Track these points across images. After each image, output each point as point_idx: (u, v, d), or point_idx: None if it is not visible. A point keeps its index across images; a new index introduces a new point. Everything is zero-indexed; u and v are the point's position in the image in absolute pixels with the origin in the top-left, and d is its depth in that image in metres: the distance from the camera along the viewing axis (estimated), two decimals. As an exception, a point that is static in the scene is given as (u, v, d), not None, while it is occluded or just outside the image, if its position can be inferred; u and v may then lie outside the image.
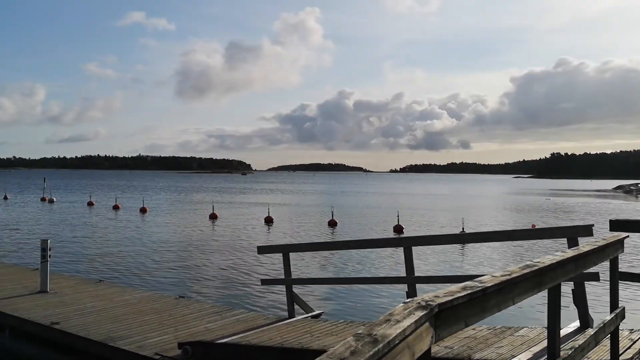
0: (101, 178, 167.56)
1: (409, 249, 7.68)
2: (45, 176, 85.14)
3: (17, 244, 23.80)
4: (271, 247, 11.25)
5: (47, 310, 9.33)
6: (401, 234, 29.66)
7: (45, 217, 38.02)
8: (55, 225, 32.16)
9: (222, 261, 19.67)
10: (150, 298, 10.63)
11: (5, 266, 14.31)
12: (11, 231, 28.78)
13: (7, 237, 26.34)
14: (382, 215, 42.32)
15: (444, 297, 1.97)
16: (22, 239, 25.33)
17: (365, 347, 1.44)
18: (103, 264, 18.70)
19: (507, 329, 6.67)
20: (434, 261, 19.19)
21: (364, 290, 14.24)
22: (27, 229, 29.83)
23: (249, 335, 7.60)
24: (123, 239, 26.00)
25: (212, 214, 38.55)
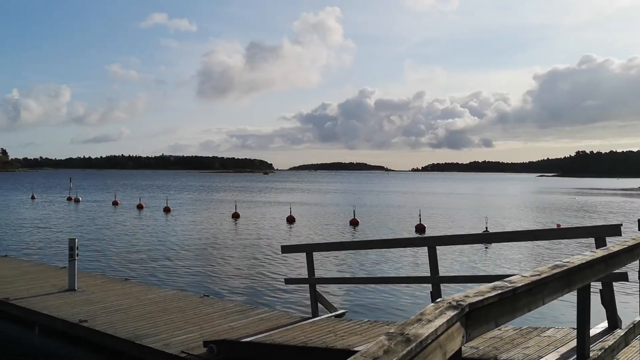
0: (125, 178, 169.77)
1: (433, 248, 7.64)
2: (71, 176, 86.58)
3: (44, 242, 24.25)
4: (295, 246, 11.27)
5: (75, 308, 9.50)
6: (423, 233, 29.52)
7: (72, 217, 38.66)
8: (81, 225, 32.68)
9: (245, 260, 19.79)
10: (175, 297, 10.74)
11: (34, 264, 14.58)
12: (39, 230, 29.33)
13: (35, 236, 26.85)
14: (403, 214, 42.14)
15: (474, 297, 1.96)
16: (49, 238, 25.80)
17: (398, 346, 1.45)
18: (128, 263, 18.95)
19: (534, 329, 6.60)
20: (457, 261, 19.05)
21: (387, 290, 14.20)
22: (54, 228, 30.37)
23: (273, 334, 7.64)
24: (147, 238, 26.31)
25: (234, 213, 38.80)
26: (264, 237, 27.23)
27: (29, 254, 19.87)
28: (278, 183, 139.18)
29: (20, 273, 12.77)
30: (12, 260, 14.97)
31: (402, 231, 30.82)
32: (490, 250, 21.71)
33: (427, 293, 12.07)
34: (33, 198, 59.41)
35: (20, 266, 13.93)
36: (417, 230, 30.38)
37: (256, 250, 22.38)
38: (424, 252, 20.05)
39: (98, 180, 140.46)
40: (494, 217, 37.83)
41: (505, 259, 19.96)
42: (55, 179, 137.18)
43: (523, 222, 37.16)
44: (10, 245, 23.14)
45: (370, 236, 28.34)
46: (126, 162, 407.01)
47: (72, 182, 71.23)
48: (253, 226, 32.54)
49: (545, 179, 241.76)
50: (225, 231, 30.13)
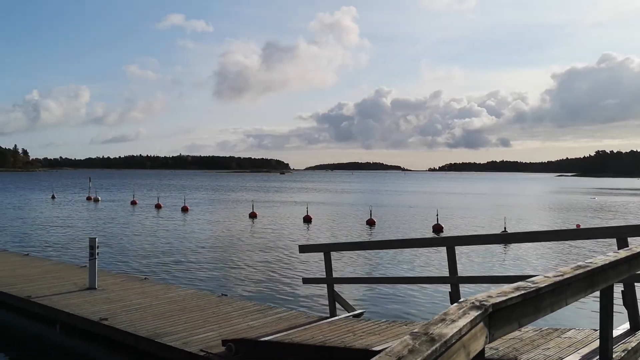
0: (143, 177, 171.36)
1: (452, 248, 7.60)
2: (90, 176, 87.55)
3: (65, 241, 24.58)
4: (312, 246, 11.29)
5: (95, 307, 9.61)
6: (441, 233, 29.39)
7: (91, 216, 39.12)
8: (101, 224, 33.06)
9: (262, 260, 19.86)
10: (194, 295, 10.82)
11: (55, 263, 14.78)
12: (59, 229, 29.73)
13: (56, 235, 27.22)
14: (421, 214, 41.97)
15: (497, 297, 1.96)
16: (69, 237, 26.14)
17: (422, 345, 1.45)
18: (147, 262, 19.14)
19: (554, 330, 6.54)
20: (476, 261, 18.94)
21: (405, 290, 14.16)
22: (74, 228, 30.76)
23: (292, 333, 7.66)
24: (166, 237, 26.53)
25: (251, 212, 38.96)
26: (281, 236, 27.30)
27: (50, 253, 20.17)
28: (294, 183, 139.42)
29: (41, 272, 12.94)
30: (33, 259, 15.18)
31: (419, 231, 30.71)
32: (508, 251, 21.54)
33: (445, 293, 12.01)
34: (53, 197, 60.24)
35: (41, 265, 14.12)
36: (434, 231, 30.25)
37: (273, 249, 22.45)
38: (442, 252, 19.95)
39: (117, 180, 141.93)
40: (512, 217, 37.50)
41: (524, 260, 19.79)
42: (75, 179, 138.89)
43: (542, 222, 36.81)
44: (31, 244, 23.50)
45: (387, 236, 28.28)
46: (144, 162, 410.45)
47: (91, 182, 72.06)
48: (270, 226, 32.65)
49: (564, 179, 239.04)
50: (243, 231, 30.27)
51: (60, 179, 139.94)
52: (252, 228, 31.80)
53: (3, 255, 15.78)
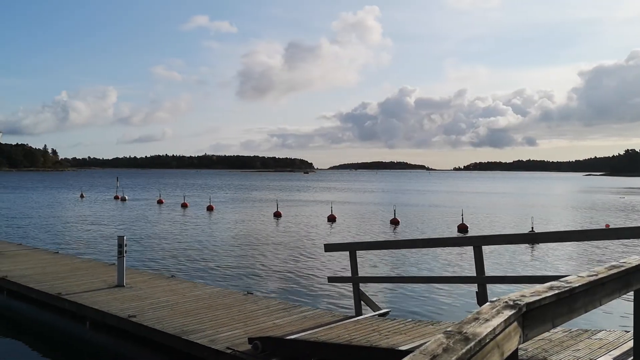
0: (169, 177, 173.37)
1: (479, 248, 7.52)
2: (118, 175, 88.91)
3: (93, 239, 25.01)
4: (338, 245, 11.28)
5: (124, 304, 9.75)
6: (466, 232, 29.12)
7: (119, 215, 39.72)
8: (128, 222, 33.54)
9: (287, 258, 19.93)
10: (220, 294, 10.90)
11: (84, 261, 15.03)
12: (88, 228, 30.25)
13: (84, 233, 27.71)
14: (445, 213, 41.65)
15: (531, 296, 1.94)
16: (97, 235, 26.58)
17: (457, 344, 1.44)
18: (174, 260, 19.36)
19: (584, 331, 6.43)
20: (502, 261, 18.71)
21: (431, 290, 14.07)
22: (102, 226, 31.28)
23: (317, 332, 7.67)
24: (192, 235, 26.80)
25: (276, 212, 39.12)
26: (305, 235, 27.36)
27: (79, 251, 20.53)
28: (318, 182, 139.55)
29: (71, 269, 13.18)
30: (63, 257, 15.47)
31: (443, 231, 30.48)
32: (535, 251, 21.25)
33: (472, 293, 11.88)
34: (82, 196, 61.35)
35: (71, 262, 14.38)
36: (459, 230, 29.99)
37: (298, 248, 22.51)
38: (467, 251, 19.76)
39: (143, 179, 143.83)
40: (539, 217, 36.94)
41: (550, 260, 19.50)
42: (103, 178, 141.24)
43: (569, 222, 36.22)
44: (61, 241, 23.96)
45: (412, 236, 28.13)
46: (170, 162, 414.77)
47: (118, 181, 73.17)
48: (294, 225, 32.74)
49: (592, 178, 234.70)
50: (267, 230, 30.41)
51: (88, 179, 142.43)
52: (277, 227, 31.92)
53: (34, 252, 16.12)
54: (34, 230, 29.03)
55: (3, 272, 12.49)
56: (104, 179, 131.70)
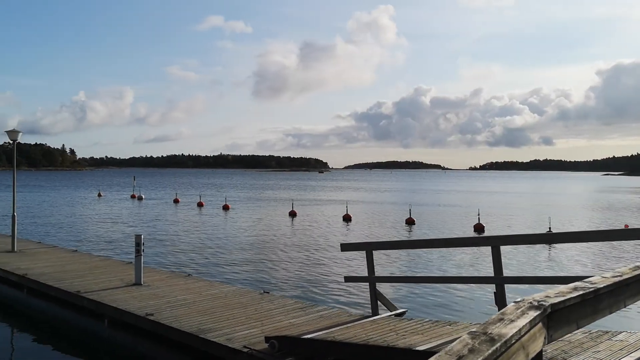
0: (185, 176, 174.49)
1: (497, 248, 7.46)
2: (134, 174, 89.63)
3: (111, 238, 25.25)
4: (354, 244, 11.27)
5: (141, 302, 9.82)
6: (482, 232, 28.93)
7: (135, 214, 40.05)
8: (145, 221, 33.81)
9: (303, 257, 19.95)
10: (236, 292, 10.94)
11: (102, 259, 15.18)
12: (105, 226, 30.55)
13: (102, 231, 27.99)
14: (461, 213, 41.40)
15: (555, 297, 1.91)
16: (115, 234, 26.84)
17: (482, 345, 1.43)
18: (190, 259, 19.48)
19: (604, 333, 6.34)
20: (519, 261, 18.56)
21: (447, 290, 14.00)
22: (119, 225, 31.57)
23: (334, 331, 7.67)
24: (208, 234, 26.94)
25: (291, 211, 39.20)
26: (320, 235, 27.36)
27: (97, 249, 20.73)
28: (333, 182, 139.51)
29: (89, 267, 13.32)
30: (82, 255, 15.64)
31: (459, 231, 30.30)
32: (552, 251, 21.05)
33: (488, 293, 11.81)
34: (99, 195, 61.98)
35: (89, 261, 14.53)
36: (475, 230, 29.79)
37: (313, 248, 22.52)
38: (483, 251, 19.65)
39: (159, 178, 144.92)
40: (557, 216, 36.57)
41: (568, 260, 19.30)
42: (120, 177, 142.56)
43: (587, 222, 35.80)
44: (80, 240, 24.23)
45: (427, 235, 28.01)
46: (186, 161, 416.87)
47: (135, 181, 73.78)
48: (310, 224, 32.76)
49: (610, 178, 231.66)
50: (283, 229, 30.47)
51: (106, 178, 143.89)
52: (292, 226, 31.97)
53: (53, 251, 16.32)
54: (53, 228, 29.39)
55: (23, 270, 12.67)
56: (121, 178, 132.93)
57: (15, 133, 15.85)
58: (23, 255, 15.06)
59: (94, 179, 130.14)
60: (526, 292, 12.78)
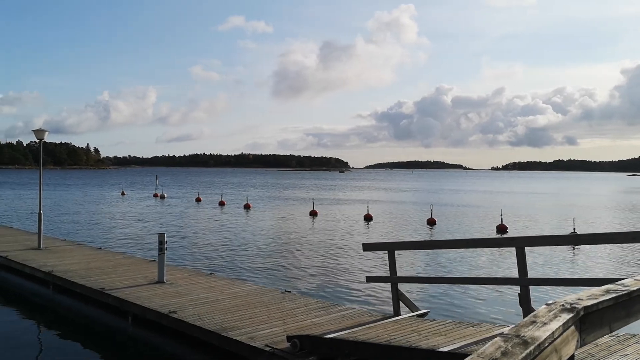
0: (207, 175, 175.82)
1: (521, 249, 7.37)
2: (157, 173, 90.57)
3: (134, 236, 25.54)
4: (376, 244, 11.24)
5: (164, 300, 9.92)
6: (505, 233, 28.61)
7: (158, 212, 40.45)
8: (167, 220, 34.13)
9: (324, 257, 19.95)
10: (258, 291, 10.99)
11: (126, 257, 15.37)
12: (128, 224, 30.92)
13: (126, 229, 28.33)
14: (483, 214, 41.01)
15: (588, 299, 1.88)
16: (138, 232, 27.15)
17: (515, 348, 1.41)
18: (212, 257, 19.60)
19: (632, 336, 6.23)
20: (542, 262, 18.32)
21: (469, 291, 13.87)
22: (142, 223, 31.92)
23: (356, 331, 7.65)
24: (230, 233, 27.10)
25: (312, 210, 39.23)
26: (341, 234, 27.33)
27: (120, 247, 20.99)
28: (354, 181, 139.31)
29: (113, 265, 13.50)
30: (106, 253, 15.85)
31: (481, 231, 30.01)
32: (577, 252, 20.73)
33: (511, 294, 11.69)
34: (123, 194, 62.77)
35: (113, 258, 14.73)
36: (498, 231, 29.47)
37: (334, 247, 22.51)
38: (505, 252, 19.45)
39: (181, 177, 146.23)
40: (581, 217, 36.00)
41: (592, 262, 18.99)
42: (142, 176, 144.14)
43: (613, 224, 35.18)
44: (104, 238, 24.55)
45: (449, 236, 27.80)
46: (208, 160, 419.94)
47: (158, 179, 74.53)
48: (330, 224, 32.75)
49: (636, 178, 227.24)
50: (304, 228, 30.50)
51: (129, 177, 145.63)
52: (313, 226, 32.00)
53: (78, 248, 16.57)
54: (78, 226, 29.84)
55: (49, 267, 12.89)
56: (144, 177, 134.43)
57: (42, 132, 16.13)
58: (49, 252, 15.33)
59: (117, 178, 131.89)
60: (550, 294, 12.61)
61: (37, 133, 16.14)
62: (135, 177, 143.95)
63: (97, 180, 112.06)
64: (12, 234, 19.82)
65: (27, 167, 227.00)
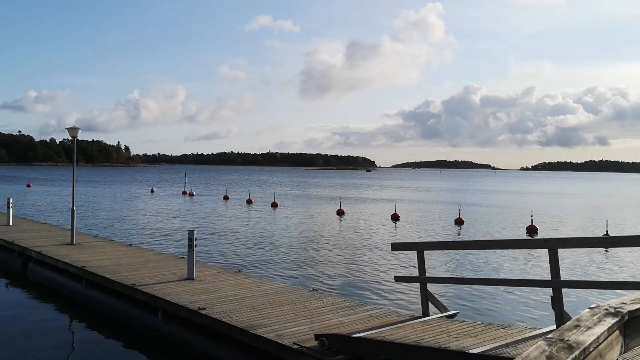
0: (234, 173, 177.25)
1: (554, 251, 7.24)
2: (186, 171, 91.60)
3: (163, 233, 25.88)
4: (405, 244, 11.16)
5: (194, 296, 10.02)
6: (535, 234, 28.19)
7: (187, 209, 40.92)
8: (196, 217, 34.50)
9: (351, 256, 19.92)
10: (285, 290, 11.02)
11: (156, 254, 15.56)
12: (158, 221, 31.34)
13: (155, 226, 28.72)
14: (512, 214, 40.43)
15: (632, 304, 1.82)
16: (167, 229, 27.49)
17: (560, 352, 1.37)
18: (240, 255, 19.74)
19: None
20: (573, 264, 17.97)
21: (497, 292, 13.70)
22: (171, 220, 32.33)
23: (384, 331, 7.61)
24: (257, 231, 27.25)
25: (339, 209, 39.21)
26: (368, 234, 27.26)
27: (150, 243, 21.29)
28: (381, 180, 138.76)
29: (144, 261, 13.69)
30: (136, 249, 16.08)
31: (511, 232, 29.59)
32: (609, 255, 20.29)
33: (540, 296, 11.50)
34: (152, 191, 63.65)
35: (143, 254, 14.93)
36: (528, 232, 29.03)
37: (361, 246, 22.46)
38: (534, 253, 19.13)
39: (209, 175, 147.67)
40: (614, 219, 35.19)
41: (624, 265, 18.56)
42: (171, 174, 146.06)
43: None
44: (134, 234, 24.93)
45: (477, 236, 27.49)
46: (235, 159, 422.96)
47: (186, 177, 75.40)
48: (357, 223, 32.68)
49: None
50: (331, 227, 30.51)
51: (158, 174, 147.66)
52: (340, 224, 31.97)
53: (110, 244, 16.85)
54: (109, 222, 30.37)
55: (82, 262, 13.13)
56: (173, 175, 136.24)
57: (76, 130, 16.44)
58: (81, 248, 15.63)
59: (147, 175, 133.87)
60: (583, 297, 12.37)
61: (71, 131, 16.45)
62: (164, 174, 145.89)
63: (127, 178, 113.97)
64: (46, 229, 20.26)
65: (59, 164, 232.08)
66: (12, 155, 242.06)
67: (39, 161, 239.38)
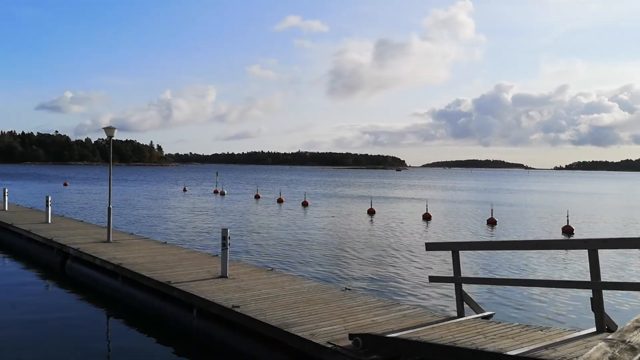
0: (265, 172, 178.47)
1: (594, 251, 7.08)
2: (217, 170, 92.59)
3: (196, 231, 26.20)
4: (440, 244, 11.08)
5: (227, 294, 10.11)
6: (571, 235, 27.62)
7: (219, 208, 41.35)
8: (228, 216, 34.83)
9: (383, 255, 19.83)
10: (318, 288, 11.03)
11: (190, 252, 15.76)
12: (190, 220, 31.74)
13: (188, 225, 29.09)
14: (546, 214, 39.70)
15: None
16: (199, 227, 27.82)
17: (623, 354, 1.34)
18: (272, 253, 19.85)
19: None
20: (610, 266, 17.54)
21: (533, 293, 13.46)
22: (203, 218, 32.70)
23: (419, 331, 7.55)
24: (289, 230, 27.37)
25: (370, 209, 39.09)
26: (400, 233, 27.10)
27: (183, 241, 21.57)
28: (411, 180, 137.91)
29: (178, 259, 13.88)
30: (171, 247, 16.30)
31: (545, 232, 29.05)
32: None
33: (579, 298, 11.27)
34: (185, 190, 64.53)
35: (178, 252, 15.13)
36: (564, 232, 28.45)
37: (393, 245, 22.34)
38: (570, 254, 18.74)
39: (240, 174, 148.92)
40: (654, 220, 34.33)
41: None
42: (203, 173, 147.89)
43: (689, 227, 33.29)
44: (168, 232, 25.30)
45: (511, 237, 27.07)
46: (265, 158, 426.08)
47: (218, 176, 76.20)
48: (389, 222, 32.53)
49: None
50: (362, 226, 30.44)
51: (190, 173, 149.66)
52: (371, 224, 31.88)
53: (145, 242, 17.13)
54: (143, 220, 30.90)
55: (118, 260, 13.39)
56: (205, 174, 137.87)
57: (112, 130, 16.76)
58: (118, 245, 15.93)
59: (179, 175, 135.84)
60: (623, 299, 12.06)
61: (107, 131, 16.78)
62: (196, 174, 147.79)
63: (160, 177, 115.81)
64: (83, 227, 20.73)
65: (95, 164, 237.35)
66: (49, 154, 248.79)
67: (75, 160, 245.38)
